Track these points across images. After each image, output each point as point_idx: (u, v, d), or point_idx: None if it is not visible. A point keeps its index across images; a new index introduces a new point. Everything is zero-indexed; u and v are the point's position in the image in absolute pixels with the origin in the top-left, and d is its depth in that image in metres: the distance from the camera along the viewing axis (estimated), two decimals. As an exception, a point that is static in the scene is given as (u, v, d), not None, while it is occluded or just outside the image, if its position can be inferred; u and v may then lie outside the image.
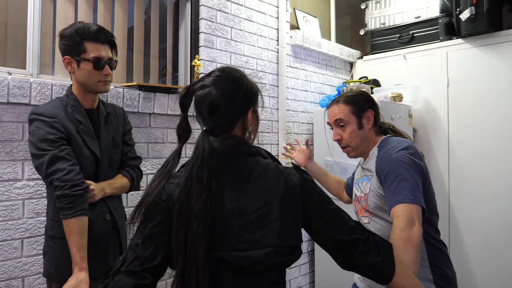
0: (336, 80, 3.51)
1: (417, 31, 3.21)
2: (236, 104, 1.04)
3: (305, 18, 3.23)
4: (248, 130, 1.09)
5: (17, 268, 1.74)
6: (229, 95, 1.03)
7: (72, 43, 1.51)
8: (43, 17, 1.95)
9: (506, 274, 2.66)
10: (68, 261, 1.46)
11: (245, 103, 1.06)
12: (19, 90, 1.73)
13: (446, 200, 2.97)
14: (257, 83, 1.19)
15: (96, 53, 1.53)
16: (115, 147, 1.68)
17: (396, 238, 1.24)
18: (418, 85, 3.11)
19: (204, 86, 1.04)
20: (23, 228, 1.76)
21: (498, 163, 2.73)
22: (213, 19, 2.54)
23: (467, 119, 2.89)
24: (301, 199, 1.03)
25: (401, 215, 1.28)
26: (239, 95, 1.04)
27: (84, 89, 1.57)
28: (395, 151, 1.42)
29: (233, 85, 1.04)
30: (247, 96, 1.06)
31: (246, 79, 1.09)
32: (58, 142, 1.43)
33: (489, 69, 2.80)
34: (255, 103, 1.10)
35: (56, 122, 1.46)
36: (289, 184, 1.02)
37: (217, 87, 1.03)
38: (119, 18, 2.27)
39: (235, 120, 1.05)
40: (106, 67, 1.56)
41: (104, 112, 1.66)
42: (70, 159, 1.43)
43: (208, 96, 1.03)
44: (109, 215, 1.59)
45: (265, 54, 2.87)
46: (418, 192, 1.33)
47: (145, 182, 2.18)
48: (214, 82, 1.04)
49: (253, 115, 1.10)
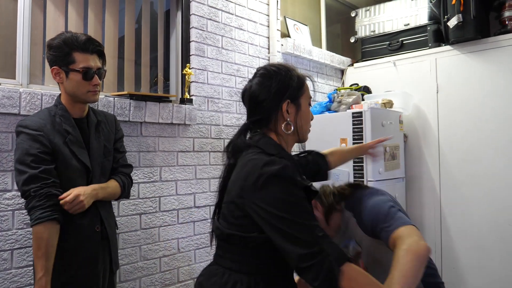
0: (327, 87, 3.53)
1: (406, 38, 3.25)
2: (270, 97, 1.14)
3: (295, 26, 3.25)
4: (286, 122, 1.15)
5: (6, 280, 1.72)
6: (264, 88, 1.15)
7: (60, 53, 1.49)
8: (33, 26, 1.95)
9: (497, 278, 2.68)
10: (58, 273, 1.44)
11: (278, 95, 1.14)
12: (9, 100, 1.72)
13: (437, 204, 2.99)
14: (305, 76, 1.23)
15: (85, 63, 1.51)
16: (106, 155, 1.66)
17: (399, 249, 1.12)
18: (408, 92, 3.14)
19: (250, 84, 1.20)
20: (12, 239, 1.75)
21: (488, 167, 2.76)
22: (204, 27, 2.55)
23: (456, 124, 2.93)
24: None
25: (405, 234, 1.18)
26: (271, 88, 1.14)
27: (73, 99, 1.56)
28: (371, 203, 1.35)
29: (268, 80, 1.16)
30: (279, 89, 1.15)
31: (284, 71, 1.17)
32: (39, 157, 1.41)
33: (477, 75, 2.84)
34: (291, 95, 1.16)
35: (41, 135, 1.44)
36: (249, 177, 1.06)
37: (256, 82, 1.18)
38: (110, 28, 2.27)
39: (270, 114, 1.16)
40: (95, 77, 1.54)
41: (94, 120, 1.64)
42: (49, 178, 1.41)
43: (247, 91, 1.20)
44: (99, 226, 1.56)
45: (256, 62, 2.88)
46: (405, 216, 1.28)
47: (136, 191, 2.17)
48: (256, 78, 1.19)
49: (292, 106, 1.17)
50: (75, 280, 1.47)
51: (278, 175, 0.99)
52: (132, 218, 2.17)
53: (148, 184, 2.23)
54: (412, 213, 3.10)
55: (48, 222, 1.37)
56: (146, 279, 2.20)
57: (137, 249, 2.18)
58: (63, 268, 1.45)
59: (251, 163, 1.06)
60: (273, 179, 0.99)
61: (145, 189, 2.22)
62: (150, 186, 2.24)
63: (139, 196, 2.20)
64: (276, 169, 1.00)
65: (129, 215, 2.15)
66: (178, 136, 2.37)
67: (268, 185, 0.99)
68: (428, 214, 3.04)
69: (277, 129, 1.17)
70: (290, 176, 1.01)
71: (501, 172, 2.70)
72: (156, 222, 2.26)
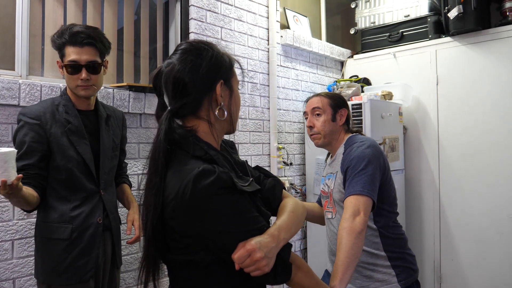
0: (327, 79, 3.53)
1: (406, 29, 3.24)
2: (200, 77, 0.93)
3: (295, 18, 3.24)
4: (219, 107, 0.96)
5: (7, 270, 1.74)
6: (192, 67, 0.93)
7: (56, 47, 1.52)
8: (31, 18, 1.94)
9: (496, 270, 2.70)
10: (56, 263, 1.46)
11: (211, 74, 0.95)
12: (8, 92, 1.72)
13: (436, 196, 3.00)
14: (232, 57, 1.05)
15: (72, 56, 1.48)
16: (114, 150, 1.67)
17: (340, 228, 1.39)
18: (408, 83, 3.13)
19: (170, 62, 0.96)
20: (13, 230, 1.76)
21: (488, 159, 2.76)
22: (203, 19, 2.54)
23: (456, 116, 2.92)
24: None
25: (348, 206, 1.42)
26: (202, 66, 0.94)
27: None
28: (357, 149, 1.55)
29: (197, 57, 0.94)
30: (212, 66, 0.95)
31: (213, 49, 0.98)
32: (31, 147, 1.43)
33: (477, 67, 2.83)
34: (224, 74, 0.98)
35: (37, 125, 1.45)
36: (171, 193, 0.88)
37: (180, 60, 0.94)
38: (109, 19, 2.27)
39: (201, 97, 0.95)
40: (82, 71, 1.49)
41: (104, 114, 1.65)
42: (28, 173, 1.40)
43: (171, 71, 0.94)
44: (101, 218, 1.56)
45: (255, 53, 2.88)
46: (371, 185, 1.45)
47: (136, 182, 2.18)
48: (178, 56, 0.95)
49: (225, 89, 0.98)
50: (73, 269, 1.47)
51: (214, 189, 0.84)
52: (132, 209, 2.18)
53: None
54: (411, 205, 3.12)
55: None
56: (146, 269, 2.22)
57: (137, 240, 2.19)
58: (61, 257, 1.46)
59: (181, 175, 0.87)
60: (210, 195, 0.84)
61: (145, 181, 2.23)
62: (150, 177, 2.24)
63: (139, 188, 2.21)
64: (210, 183, 0.84)
65: (129, 206, 2.16)
66: (177, 128, 2.37)
67: (205, 203, 0.84)
68: (427, 206, 3.05)
69: (209, 116, 0.97)
70: (228, 185, 0.86)
71: (501, 164, 2.70)
72: (156, 213, 2.27)
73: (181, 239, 0.90)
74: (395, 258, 1.57)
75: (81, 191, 1.53)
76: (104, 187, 1.60)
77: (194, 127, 0.97)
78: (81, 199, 1.52)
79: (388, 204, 1.60)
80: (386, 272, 1.54)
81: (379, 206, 1.54)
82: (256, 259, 0.84)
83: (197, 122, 0.97)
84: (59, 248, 1.47)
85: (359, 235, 1.35)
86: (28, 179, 1.40)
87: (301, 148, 3.22)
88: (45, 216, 1.50)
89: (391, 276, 1.54)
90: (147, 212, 0.91)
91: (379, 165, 1.52)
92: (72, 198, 1.51)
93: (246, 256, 0.84)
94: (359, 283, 1.57)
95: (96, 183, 1.56)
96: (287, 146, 3.09)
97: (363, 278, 1.57)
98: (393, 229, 1.62)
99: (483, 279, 2.76)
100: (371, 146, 1.56)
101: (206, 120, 0.97)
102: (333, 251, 1.66)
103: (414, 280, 1.60)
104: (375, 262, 1.55)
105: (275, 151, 2.92)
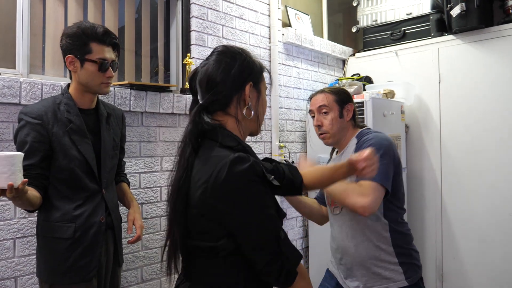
0: (328, 77, 3.52)
1: (408, 27, 3.22)
2: (232, 77, 1.03)
3: (297, 16, 3.23)
4: (247, 107, 1.05)
5: (9, 268, 1.74)
6: (225, 68, 1.03)
7: (77, 42, 1.49)
8: (32, 16, 1.94)
9: (498, 268, 2.69)
10: (58, 262, 1.46)
11: (241, 76, 1.04)
12: (9, 90, 1.72)
13: (438, 195, 2.99)
14: (262, 64, 1.14)
15: (102, 54, 1.52)
16: (114, 148, 1.67)
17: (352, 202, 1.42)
18: (410, 82, 3.12)
19: (205, 63, 1.07)
20: (15, 228, 1.76)
21: (490, 158, 2.75)
22: (204, 17, 2.54)
23: (458, 115, 2.91)
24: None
25: (367, 185, 1.43)
26: (234, 67, 1.04)
27: (84, 89, 1.56)
28: (375, 138, 1.55)
29: (230, 59, 1.05)
30: (243, 69, 1.05)
31: (246, 54, 1.08)
32: (33, 147, 1.42)
33: (480, 65, 2.81)
34: (254, 77, 1.08)
35: (39, 124, 1.45)
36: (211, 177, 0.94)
37: (215, 61, 1.05)
38: (109, 18, 2.26)
39: (230, 95, 1.04)
40: (109, 69, 1.55)
41: (104, 112, 1.65)
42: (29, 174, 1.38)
43: (206, 71, 1.05)
44: (104, 217, 1.56)
45: (257, 51, 2.87)
46: (387, 177, 1.46)
47: (137, 181, 2.18)
48: (214, 58, 1.06)
49: (253, 91, 1.08)
50: (76, 268, 1.47)
51: (249, 176, 0.92)
52: (134, 207, 2.18)
53: (149, 174, 2.24)
54: (413, 204, 3.11)
55: None
56: (148, 268, 2.22)
57: (138, 238, 2.20)
58: (64, 256, 1.46)
59: (214, 160, 0.95)
60: (244, 181, 0.92)
61: (146, 179, 2.23)
62: (151, 176, 2.24)
63: (140, 186, 2.20)
64: (246, 169, 0.92)
65: (131, 205, 2.16)
66: (179, 126, 2.37)
67: (238, 187, 0.92)
68: (429, 204, 3.04)
69: (237, 114, 1.05)
70: (260, 174, 0.95)
71: (503, 163, 2.69)
72: (157, 212, 2.27)
73: (207, 223, 0.96)
74: (402, 254, 1.56)
75: (84, 190, 1.52)
76: (105, 186, 1.60)
77: (223, 122, 1.05)
78: (83, 198, 1.52)
79: (397, 199, 1.60)
80: (393, 270, 1.54)
81: (389, 200, 1.54)
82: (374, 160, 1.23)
83: (226, 118, 1.06)
84: (62, 247, 1.46)
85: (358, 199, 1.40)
86: (30, 179, 1.38)
87: (303, 147, 3.22)
88: (48, 215, 1.49)
89: (398, 273, 1.54)
90: (174, 197, 1.03)
91: (393, 158, 1.52)
92: (75, 198, 1.51)
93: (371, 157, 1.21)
94: (365, 280, 1.57)
95: (98, 182, 1.56)
96: (289, 145, 3.09)
97: (370, 275, 1.56)
98: (401, 225, 1.62)
99: (485, 277, 2.75)
100: (388, 140, 1.56)
101: (234, 117, 1.05)
102: (339, 249, 1.64)
103: (420, 276, 1.60)
104: (383, 258, 1.55)
105: (277, 150, 2.92)
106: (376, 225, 1.55)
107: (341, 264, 1.66)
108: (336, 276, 1.71)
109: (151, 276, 2.24)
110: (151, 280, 2.24)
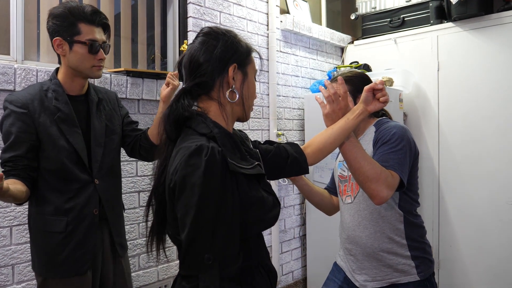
0: (327, 65, 3.49)
1: (407, 15, 3.19)
2: (214, 58, 0.99)
3: (295, 3, 3.19)
4: (230, 89, 1.01)
5: (6, 256, 1.74)
6: (207, 48, 1.00)
7: (64, 23, 1.41)
8: (26, 2, 1.91)
9: (495, 256, 2.71)
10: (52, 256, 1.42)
11: (225, 56, 1.00)
12: (3, 76, 1.70)
13: (436, 183, 3.00)
14: (252, 47, 1.09)
15: (91, 35, 1.44)
16: (109, 134, 1.58)
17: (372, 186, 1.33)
18: (409, 70, 3.10)
19: (191, 46, 1.04)
20: (11, 216, 1.75)
21: (488, 146, 2.75)
22: (202, 3, 2.50)
23: (457, 103, 2.90)
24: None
25: (395, 178, 1.36)
26: (217, 47, 1.00)
27: (74, 74, 1.48)
28: (395, 128, 1.50)
29: (214, 40, 1.01)
30: (226, 49, 1.00)
31: (231, 34, 1.04)
32: (19, 137, 1.36)
33: (479, 53, 2.80)
34: (239, 59, 1.03)
35: (24, 114, 1.37)
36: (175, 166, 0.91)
37: (200, 42, 1.02)
38: (105, 4, 2.23)
39: (214, 77, 1.00)
40: (100, 51, 1.47)
41: (95, 98, 1.56)
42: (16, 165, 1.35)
43: (189, 53, 1.02)
44: (97, 209, 1.50)
45: (255, 39, 2.84)
46: (405, 167, 1.41)
47: (134, 169, 2.17)
48: (199, 39, 1.03)
49: (239, 73, 1.03)
50: (70, 262, 1.43)
51: (204, 169, 0.86)
52: (131, 195, 2.17)
53: (146, 162, 2.22)
54: (411, 192, 3.11)
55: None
56: (145, 256, 2.22)
57: (136, 226, 2.20)
58: (57, 250, 1.43)
59: (182, 151, 0.91)
60: (197, 175, 0.86)
61: (143, 167, 2.22)
62: (148, 163, 2.23)
63: (137, 174, 2.20)
64: (200, 162, 0.87)
65: (128, 193, 2.16)
66: (176, 114, 2.35)
67: (191, 181, 0.86)
68: (426, 192, 3.05)
69: (219, 97, 1.01)
70: (217, 167, 0.88)
71: (501, 151, 2.69)
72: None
73: (174, 214, 0.94)
74: (415, 248, 1.52)
75: (75, 181, 1.45)
76: (99, 176, 1.52)
77: (206, 108, 1.02)
78: (74, 191, 1.45)
79: (413, 192, 1.56)
80: (405, 263, 1.49)
81: (405, 192, 1.50)
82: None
83: (209, 103, 1.02)
84: (55, 241, 1.42)
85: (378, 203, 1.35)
86: (16, 170, 1.35)
87: (301, 135, 3.21)
88: (40, 209, 1.44)
89: (411, 267, 1.49)
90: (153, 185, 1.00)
91: (410, 150, 1.47)
92: (65, 189, 1.44)
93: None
94: (375, 273, 1.52)
95: (89, 172, 1.49)
96: (287, 133, 3.08)
97: (380, 267, 1.51)
98: (416, 217, 1.58)
99: (481, 265, 2.77)
100: (407, 131, 1.53)
101: (217, 101, 1.01)
102: (349, 239, 1.59)
103: (432, 271, 1.55)
104: (396, 251, 1.50)
105: (275, 138, 2.91)
106: (390, 216, 1.50)
107: (351, 255, 1.60)
108: (344, 270, 1.66)
109: (149, 264, 2.25)
110: (148, 268, 2.25)
